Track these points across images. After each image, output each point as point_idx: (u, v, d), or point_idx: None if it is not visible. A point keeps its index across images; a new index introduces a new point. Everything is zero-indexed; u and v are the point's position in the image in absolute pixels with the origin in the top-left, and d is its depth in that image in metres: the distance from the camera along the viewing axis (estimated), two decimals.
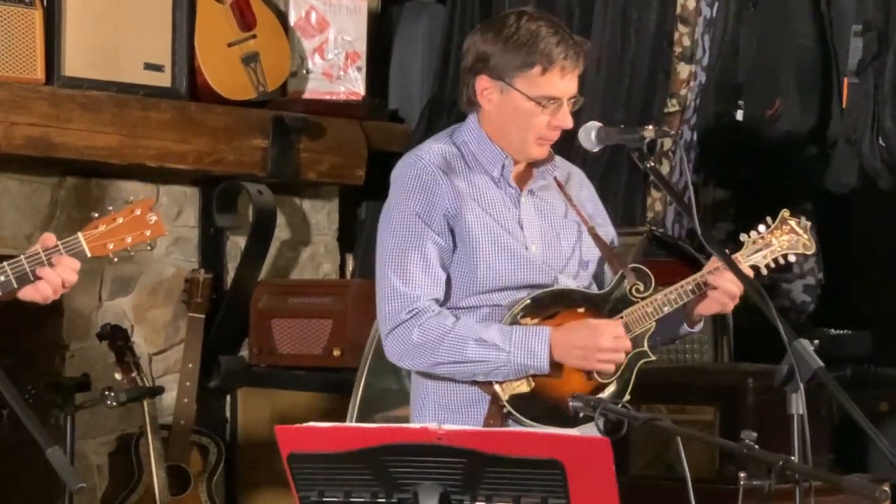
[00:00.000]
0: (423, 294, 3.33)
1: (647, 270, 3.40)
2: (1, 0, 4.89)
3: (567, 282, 3.40)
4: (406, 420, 3.79)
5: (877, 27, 4.82)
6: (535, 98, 3.34)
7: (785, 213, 3.50)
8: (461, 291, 3.38)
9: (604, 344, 3.29)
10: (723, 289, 3.35)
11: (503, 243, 3.36)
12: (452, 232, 3.37)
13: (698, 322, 3.50)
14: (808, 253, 3.52)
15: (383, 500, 2.96)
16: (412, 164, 3.41)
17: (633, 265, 3.41)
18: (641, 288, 3.38)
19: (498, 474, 2.92)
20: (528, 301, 3.34)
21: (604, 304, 3.38)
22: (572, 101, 3.37)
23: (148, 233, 3.23)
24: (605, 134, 3.38)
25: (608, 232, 3.54)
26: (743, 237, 3.49)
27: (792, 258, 3.52)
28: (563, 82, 3.34)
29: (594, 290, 3.44)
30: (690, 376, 4.58)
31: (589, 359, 3.30)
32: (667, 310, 3.36)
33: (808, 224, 3.52)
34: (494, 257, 3.36)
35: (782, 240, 3.49)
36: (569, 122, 3.37)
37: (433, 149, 3.43)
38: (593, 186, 3.63)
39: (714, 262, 3.38)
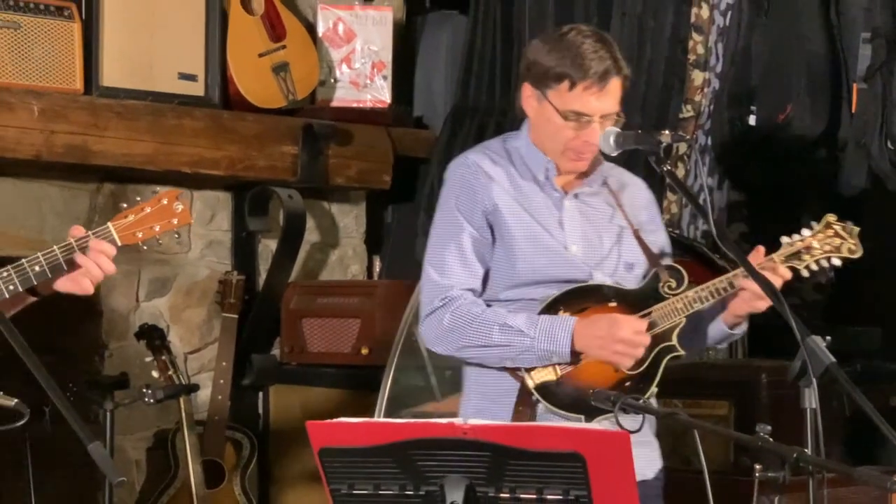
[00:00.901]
0: (456, 283, 3.38)
1: (680, 269, 3.38)
2: (41, 14, 4.90)
3: (602, 278, 3.40)
4: (431, 416, 3.80)
5: (885, 34, 4.80)
6: (562, 112, 3.34)
7: (830, 217, 3.43)
8: (500, 284, 3.41)
9: (622, 336, 3.29)
10: (751, 289, 3.31)
11: (541, 241, 3.39)
12: (492, 228, 3.40)
13: (738, 323, 3.44)
14: (853, 257, 3.41)
15: (411, 492, 2.96)
16: (459, 165, 3.47)
17: (668, 264, 3.40)
18: (673, 284, 3.36)
19: (521, 467, 2.92)
20: (560, 294, 3.35)
21: (635, 300, 3.37)
22: (607, 118, 3.34)
23: (175, 221, 3.23)
24: (623, 139, 3.37)
25: (659, 238, 3.52)
26: (783, 239, 3.42)
27: (837, 262, 3.41)
28: (593, 99, 3.32)
29: (629, 287, 3.41)
30: (705, 372, 4.57)
31: (606, 349, 3.30)
32: (697, 306, 3.34)
33: (856, 229, 3.43)
34: (531, 253, 3.39)
35: (825, 243, 3.40)
36: (595, 140, 3.35)
37: (483, 151, 3.48)
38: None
39: (752, 259, 3.34)
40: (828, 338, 3.03)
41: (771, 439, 2.88)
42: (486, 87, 5.86)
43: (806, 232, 3.42)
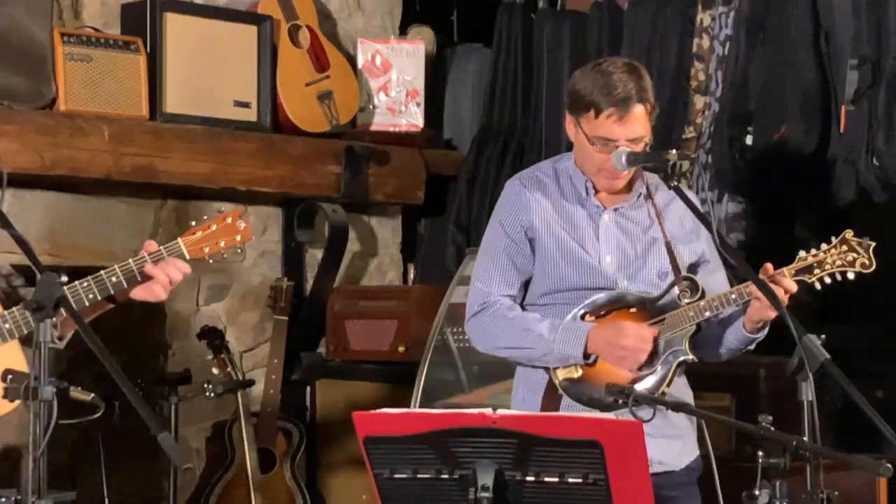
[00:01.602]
0: (495, 290, 3.41)
1: (696, 280, 3.33)
2: (111, 48, 4.92)
3: (627, 286, 3.38)
4: (461, 407, 3.79)
5: (870, 61, 4.78)
6: (590, 137, 3.33)
7: (848, 233, 3.33)
8: (538, 291, 3.42)
9: (625, 343, 3.27)
10: (762, 300, 3.25)
11: (571, 253, 3.39)
12: (531, 242, 3.41)
13: (759, 328, 3.36)
14: (867, 272, 3.33)
15: (446, 476, 2.96)
16: (509, 185, 3.51)
17: (685, 275, 3.36)
18: (688, 294, 3.33)
19: (545, 453, 2.91)
20: (591, 301, 3.36)
21: (654, 306, 3.35)
22: (635, 143, 3.30)
23: (238, 237, 3.24)
24: (634, 157, 3.35)
25: (698, 247, 3.45)
26: (801, 253, 3.32)
27: (850, 276, 3.33)
28: (616, 126, 3.28)
29: (650, 294, 3.37)
30: (709, 366, 4.54)
31: (612, 353, 3.30)
32: (707, 314, 3.30)
33: (871, 244, 3.34)
34: (563, 266, 3.39)
35: (839, 258, 3.31)
36: (620, 166, 3.32)
37: (533, 172, 3.50)
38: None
39: (762, 272, 3.27)
40: (822, 336, 3.01)
41: (772, 429, 2.87)
42: (508, 112, 5.85)
43: (823, 247, 3.33)
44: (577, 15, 5.73)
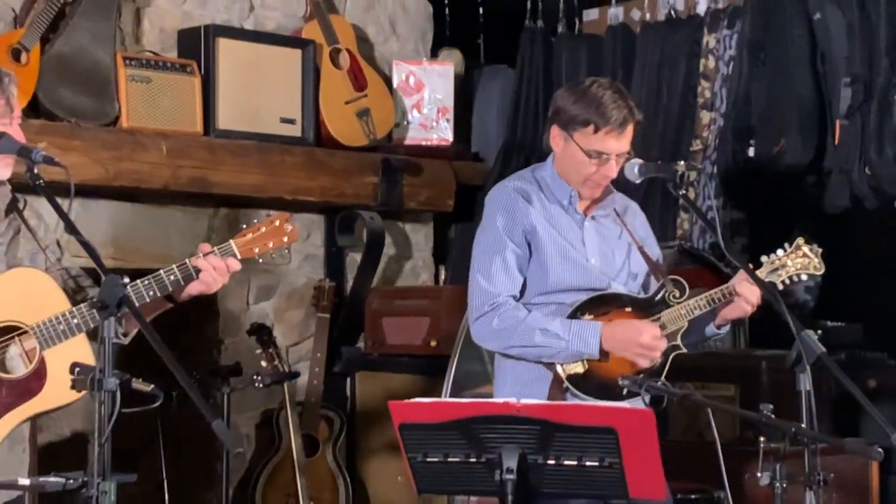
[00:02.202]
0: (502, 291, 3.36)
1: (683, 281, 3.37)
2: (168, 70, 4.93)
3: (618, 287, 3.38)
4: (488, 396, 3.78)
5: (863, 80, 4.76)
6: (587, 151, 3.33)
7: (800, 240, 3.40)
8: (534, 290, 3.39)
9: (644, 341, 3.27)
10: (745, 297, 3.31)
11: (569, 255, 3.37)
12: (529, 244, 3.38)
13: (724, 325, 3.44)
14: (817, 273, 3.40)
15: (474, 460, 2.96)
16: (499, 191, 3.45)
17: (672, 276, 3.38)
18: (677, 294, 3.35)
19: (565, 438, 2.91)
20: (586, 300, 3.34)
21: (647, 306, 3.36)
22: (621, 156, 3.34)
23: (285, 239, 3.23)
24: (645, 169, 3.37)
25: (655, 252, 3.52)
26: (763, 258, 3.40)
27: (804, 277, 3.41)
28: (613, 141, 3.31)
29: (640, 295, 3.41)
30: (714, 360, 4.53)
31: (630, 351, 3.29)
32: (697, 312, 3.33)
33: (819, 250, 3.41)
34: (561, 266, 3.37)
35: (796, 262, 3.38)
36: (612, 174, 3.36)
37: (517, 181, 3.46)
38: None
39: (738, 276, 3.33)
40: (819, 332, 3.01)
41: (773, 416, 2.86)
42: (530, 128, 5.85)
43: (780, 252, 3.40)
44: (593, 38, 5.73)
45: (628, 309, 3.35)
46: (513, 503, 2.91)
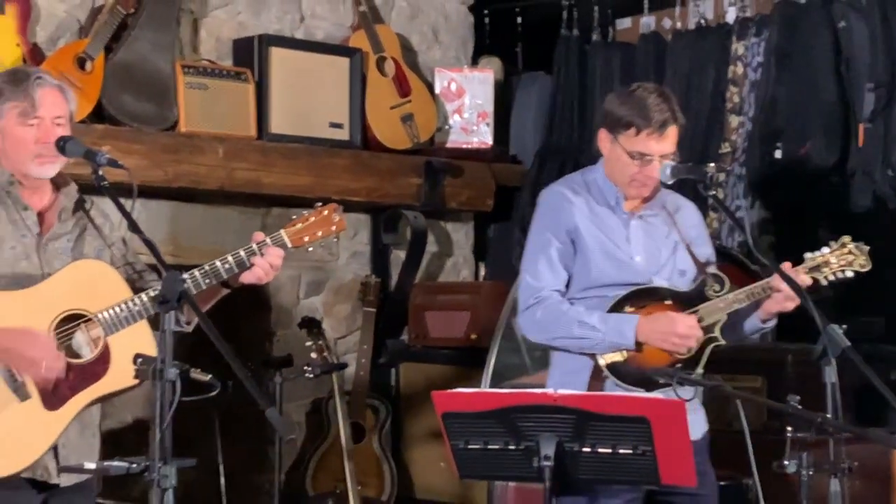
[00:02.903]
0: (546, 286, 3.36)
1: (723, 275, 3.33)
2: (224, 77, 4.95)
3: (659, 282, 3.36)
4: (526, 386, 3.78)
5: (885, 84, 4.73)
6: (630, 152, 3.32)
7: (845, 238, 3.33)
8: (578, 286, 3.39)
9: (680, 331, 3.25)
10: (784, 292, 3.25)
11: (611, 252, 3.36)
12: (574, 242, 3.37)
13: (769, 320, 3.38)
14: (863, 271, 3.32)
15: (513, 447, 2.96)
16: (549, 192, 3.47)
17: (713, 271, 3.35)
18: (717, 288, 3.32)
19: (600, 428, 2.90)
20: (628, 294, 3.33)
21: (686, 299, 3.33)
22: (665, 157, 3.31)
23: (334, 228, 3.22)
24: (678, 170, 3.34)
25: (705, 250, 3.47)
26: (806, 255, 3.33)
27: (850, 274, 3.33)
28: (654, 143, 3.29)
29: (680, 289, 3.37)
30: (743, 353, 4.46)
31: (666, 341, 3.27)
32: (736, 306, 3.29)
33: (866, 247, 3.34)
34: (603, 262, 3.36)
35: (841, 259, 3.31)
36: (655, 175, 3.32)
37: (565, 183, 3.47)
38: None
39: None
40: (843, 326, 2.98)
41: (800, 407, 2.84)
42: (566, 131, 5.82)
43: (825, 249, 3.33)
44: (626, 46, 5.70)
45: (668, 302, 3.33)
46: (550, 489, 2.91)
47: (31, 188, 3.14)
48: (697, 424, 3.38)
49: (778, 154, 5.00)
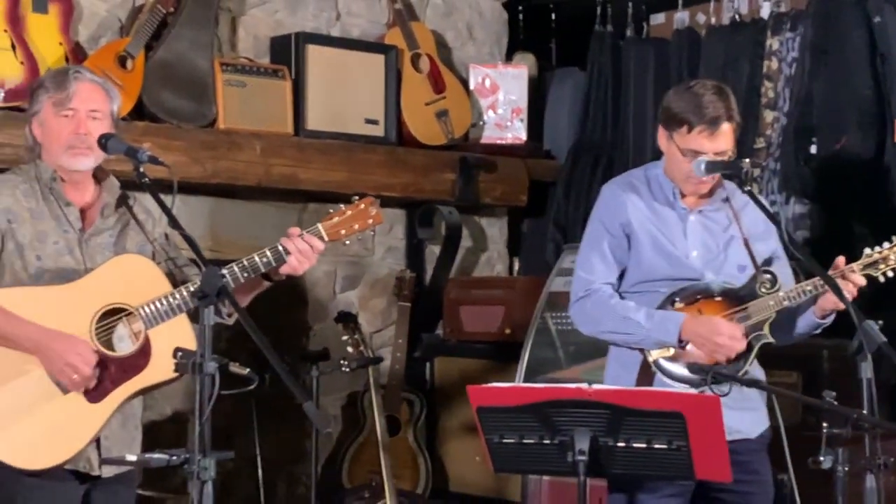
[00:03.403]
0: (597, 279, 3.36)
1: (775, 273, 3.29)
2: (261, 75, 4.97)
3: (712, 277, 3.33)
4: (559, 381, 3.77)
5: None
6: (682, 150, 3.29)
7: None
8: (631, 280, 3.38)
9: (720, 341, 3.22)
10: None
11: (664, 249, 3.35)
12: (628, 237, 3.36)
13: (827, 316, 3.32)
14: None
15: (548, 441, 2.96)
16: (607, 187, 3.46)
17: (765, 269, 3.32)
18: (768, 285, 3.28)
19: (635, 422, 2.90)
20: (678, 289, 3.31)
21: (736, 296, 3.30)
22: (719, 155, 3.27)
23: (370, 221, 3.22)
24: (713, 166, 3.31)
25: (767, 245, 3.41)
26: (866, 251, 3.27)
27: None
28: (706, 141, 3.26)
29: (732, 285, 3.32)
30: (779, 348, 4.45)
31: (706, 347, 3.25)
32: (786, 304, 3.25)
33: None
34: (655, 258, 3.35)
35: None
36: (699, 172, 3.28)
37: (627, 177, 3.46)
38: None
39: (834, 267, 3.23)
40: (879, 322, 2.95)
41: (835, 403, 2.82)
42: (599, 127, 5.81)
43: (886, 245, 3.27)
44: (659, 41, 5.67)
45: (718, 298, 3.31)
46: (584, 483, 2.90)
47: (73, 184, 3.18)
48: (756, 423, 3.35)
49: (813, 149, 4.97)
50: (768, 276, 3.28)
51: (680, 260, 3.34)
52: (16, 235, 3.09)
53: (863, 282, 3.23)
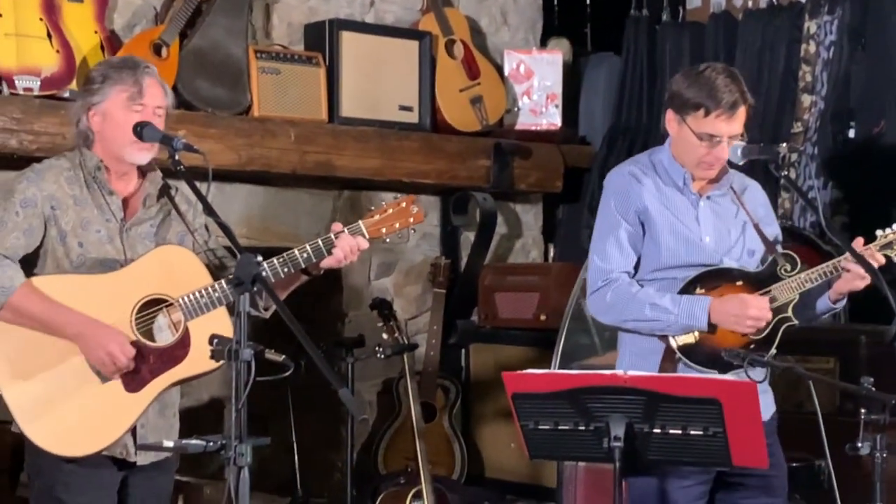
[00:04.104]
0: (615, 268, 3.33)
1: (794, 255, 3.29)
2: (295, 62, 4.98)
3: (730, 263, 3.33)
4: (596, 367, 3.76)
5: None
6: (698, 134, 3.27)
7: None
8: (648, 267, 3.36)
9: (751, 313, 3.21)
10: (854, 271, 3.20)
11: (680, 234, 3.33)
12: (643, 224, 3.34)
13: (840, 300, 3.33)
14: None
15: (583, 428, 2.95)
16: (616, 174, 3.42)
17: (784, 251, 3.31)
18: (789, 268, 3.27)
19: (670, 409, 2.89)
20: (698, 275, 3.30)
21: (757, 280, 3.29)
22: (733, 138, 3.27)
23: (411, 220, 3.24)
24: (749, 151, 3.30)
25: (772, 229, 3.43)
26: (878, 232, 3.27)
27: None
28: (723, 124, 3.25)
29: (752, 269, 3.33)
30: (815, 333, 4.40)
31: (739, 324, 3.22)
32: (808, 286, 3.24)
33: None
34: (673, 243, 3.33)
35: None
36: (724, 156, 3.28)
37: (632, 165, 3.43)
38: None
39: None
40: None
41: (873, 389, 2.80)
42: (635, 112, 5.79)
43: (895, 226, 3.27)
44: (696, 25, 5.64)
45: (739, 283, 3.30)
46: (620, 469, 2.90)
47: (118, 174, 3.20)
48: (766, 406, 3.34)
49: (851, 133, 4.94)
50: (788, 258, 3.27)
51: (697, 245, 3.33)
52: (59, 222, 3.12)
53: (882, 260, 3.22)
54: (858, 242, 3.25)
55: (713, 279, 3.31)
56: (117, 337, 3.01)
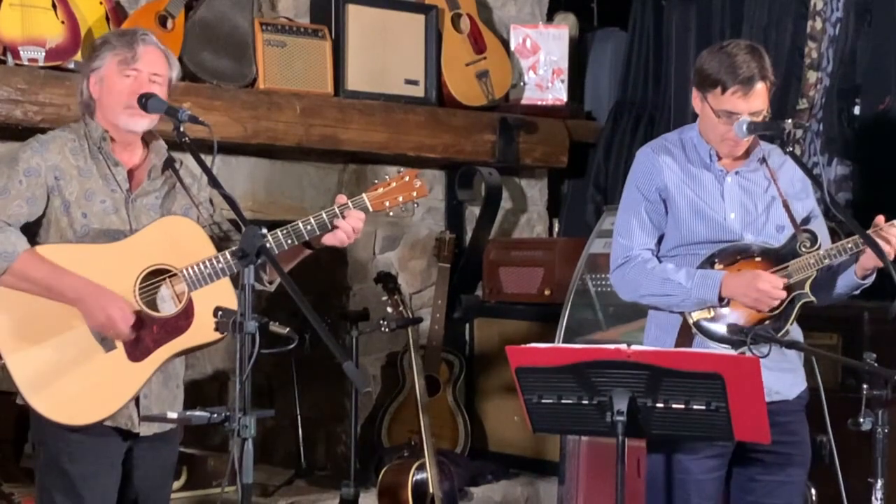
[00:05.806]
0: (636, 245, 3.35)
1: (814, 231, 3.26)
2: (301, 35, 4.97)
3: (751, 239, 3.31)
4: (597, 342, 3.77)
5: None
6: (716, 111, 3.26)
7: None
8: (670, 244, 3.37)
9: (761, 287, 3.20)
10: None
11: (701, 210, 3.33)
12: (665, 201, 3.35)
13: (868, 276, 3.28)
14: None
15: (586, 402, 2.96)
16: (641, 152, 3.43)
17: (805, 227, 3.29)
18: (808, 244, 3.25)
19: (673, 383, 2.89)
20: (718, 251, 3.30)
21: (777, 255, 3.28)
22: (755, 115, 3.24)
23: (414, 194, 3.24)
24: (754, 126, 3.28)
25: (805, 204, 3.40)
26: None
27: None
28: (740, 101, 3.23)
29: (772, 245, 3.30)
30: (818, 309, 4.42)
31: (749, 297, 3.22)
32: (826, 262, 3.22)
33: None
34: (692, 220, 3.33)
35: None
36: (742, 134, 3.26)
37: (659, 142, 3.43)
38: None
39: (874, 226, 3.19)
40: None
41: (876, 364, 2.80)
42: (640, 87, 5.77)
43: None
44: (702, 1, 5.61)
45: (758, 258, 3.29)
46: (623, 443, 2.90)
47: (123, 144, 3.19)
48: (794, 384, 3.33)
49: (856, 110, 4.91)
50: (808, 234, 3.25)
51: (718, 222, 3.32)
52: (63, 192, 3.11)
53: None
54: (880, 219, 3.22)
55: (732, 255, 3.30)
56: (118, 301, 3.01)
